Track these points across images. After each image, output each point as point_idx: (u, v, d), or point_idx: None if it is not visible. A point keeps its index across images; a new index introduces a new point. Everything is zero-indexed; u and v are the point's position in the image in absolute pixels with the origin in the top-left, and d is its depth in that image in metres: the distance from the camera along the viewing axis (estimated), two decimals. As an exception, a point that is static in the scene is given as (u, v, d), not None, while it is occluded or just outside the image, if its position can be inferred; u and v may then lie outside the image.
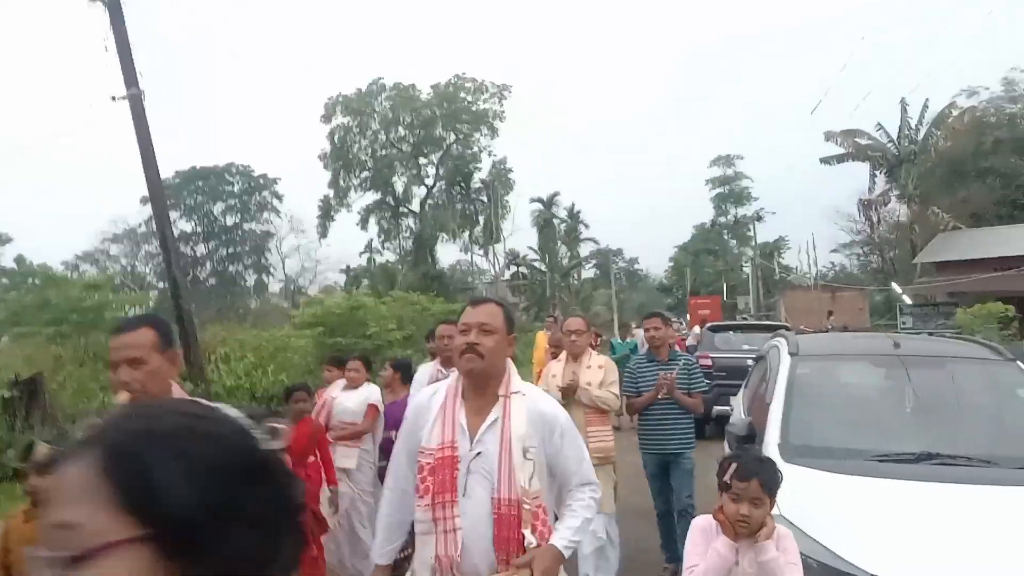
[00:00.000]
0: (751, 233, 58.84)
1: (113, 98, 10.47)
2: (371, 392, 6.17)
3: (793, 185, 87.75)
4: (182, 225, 51.71)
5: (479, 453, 2.59)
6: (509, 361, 2.77)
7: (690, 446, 5.68)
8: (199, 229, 53.44)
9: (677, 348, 6.91)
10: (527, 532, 2.51)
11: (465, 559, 2.53)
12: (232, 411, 2.63)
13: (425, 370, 5.59)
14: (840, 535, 3.19)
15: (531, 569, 2.45)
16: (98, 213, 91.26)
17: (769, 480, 2.88)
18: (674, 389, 5.56)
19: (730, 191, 65.54)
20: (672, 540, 5.68)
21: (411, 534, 2.81)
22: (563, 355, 5.69)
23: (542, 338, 12.79)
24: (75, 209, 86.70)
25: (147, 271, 50.25)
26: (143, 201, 47.43)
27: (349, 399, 6.14)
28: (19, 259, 25.75)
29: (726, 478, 2.91)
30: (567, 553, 2.59)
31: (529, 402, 2.67)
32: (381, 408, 6.05)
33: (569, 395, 5.22)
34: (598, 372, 5.41)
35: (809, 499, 3.50)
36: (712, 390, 11.62)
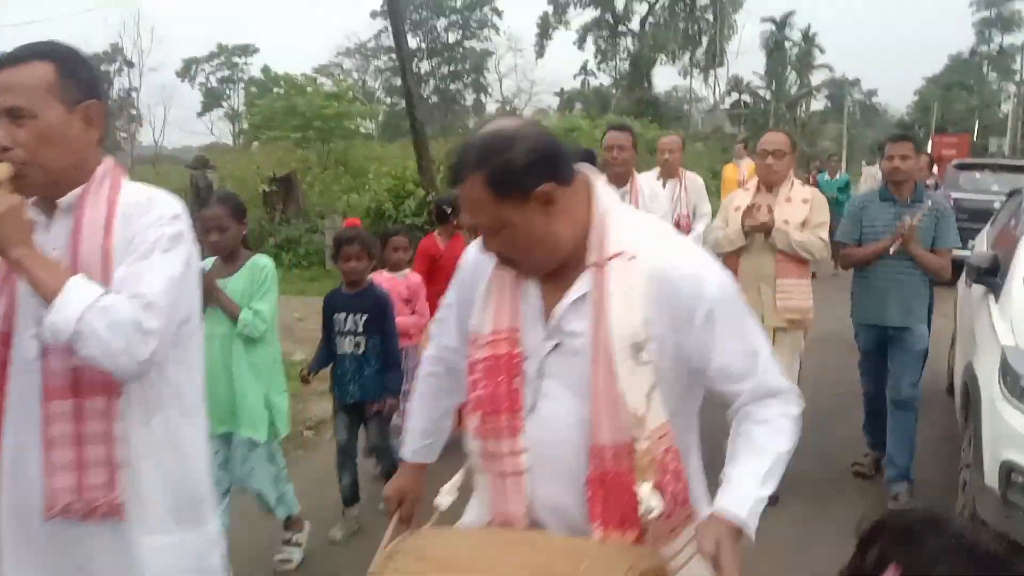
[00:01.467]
0: (1017, 66, 51.29)
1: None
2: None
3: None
4: (408, 40, 53.07)
5: (557, 346, 1.50)
6: (610, 198, 1.55)
7: (922, 318, 4.27)
8: (423, 45, 54.72)
9: (939, 188, 5.44)
10: (645, 489, 1.43)
11: (539, 521, 1.54)
12: None
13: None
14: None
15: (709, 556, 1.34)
16: (332, 27, 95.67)
17: None
18: (913, 241, 4.03)
19: (998, 15, 56.86)
20: (878, 427, 4.47)
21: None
22: (753, 182, 4.40)
23: (731, 171, 10.68)
24: (310, 24, 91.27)
25: (376, 86, 52.80)
26: (372, 15, 49.20)
27: None
28: (265, 69, 27.82)
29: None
30: (753, 522, 1.42)
31: (646, 265, 1.45)
32: None
33: (760, 234, 4.09)
34: (801, 208, 4.12)
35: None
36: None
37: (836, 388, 5.51)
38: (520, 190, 1.39)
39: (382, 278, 4.27)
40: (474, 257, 1.67)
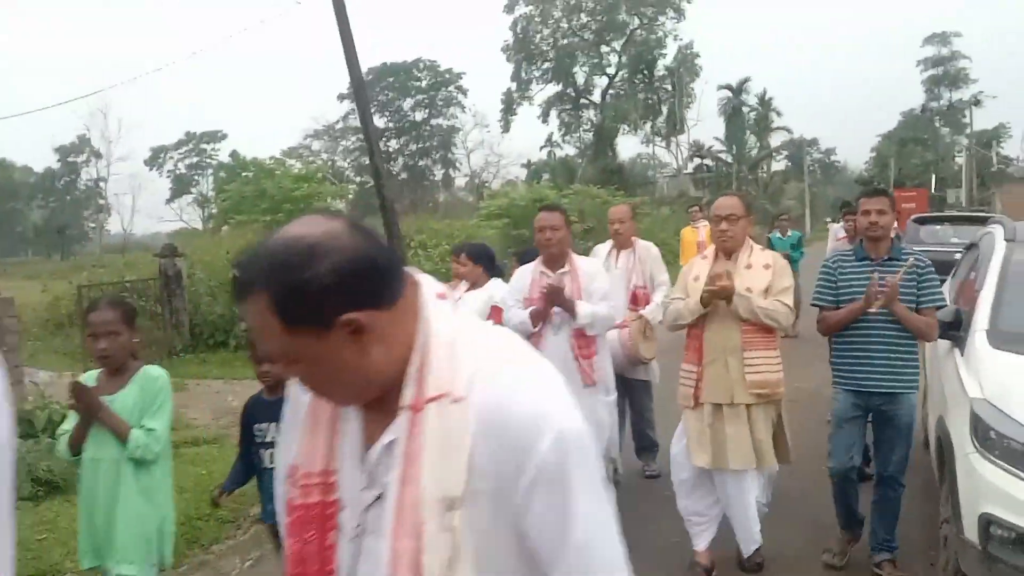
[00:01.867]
0: (967, 120, 53.18)
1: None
2: (497, 291, 4.95)
3: (1018, 65, 77.44)
4: (375, 121, 53.91)
5: (379, 497, 1.15)
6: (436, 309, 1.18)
7: (912, 385, 3.93)
8: (390, 125, 55.72)
9: (901, 241, 4.97)
10: None
11: None
12: None
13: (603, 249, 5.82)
14: (1050, 420, 3.10)
15: None
16: (299, 111, 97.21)
17: None
18: (895, 300, 3.75)
19: (944, 73, 59.38)
20: (851, 506, 4.12)
21: None
22: (711, 250, 4.15)
23: (690, 234, 10.39)
24: (277, 108, 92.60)
25: (346, 166, 53.43)
26: (340, 98, 50.14)
27: (471, 301, 4.94)
28: (234, 154, 28.17)
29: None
30: None
31: (477, 404, 1.09)
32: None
33: (723, 304, 3.85)
34: (763, 274, 3.91)
35: (1015, 384, 3.41)
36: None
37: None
38: (316, 320, 1.06)
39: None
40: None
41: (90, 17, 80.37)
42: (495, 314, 4.85)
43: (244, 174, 22.59)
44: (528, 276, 4.42)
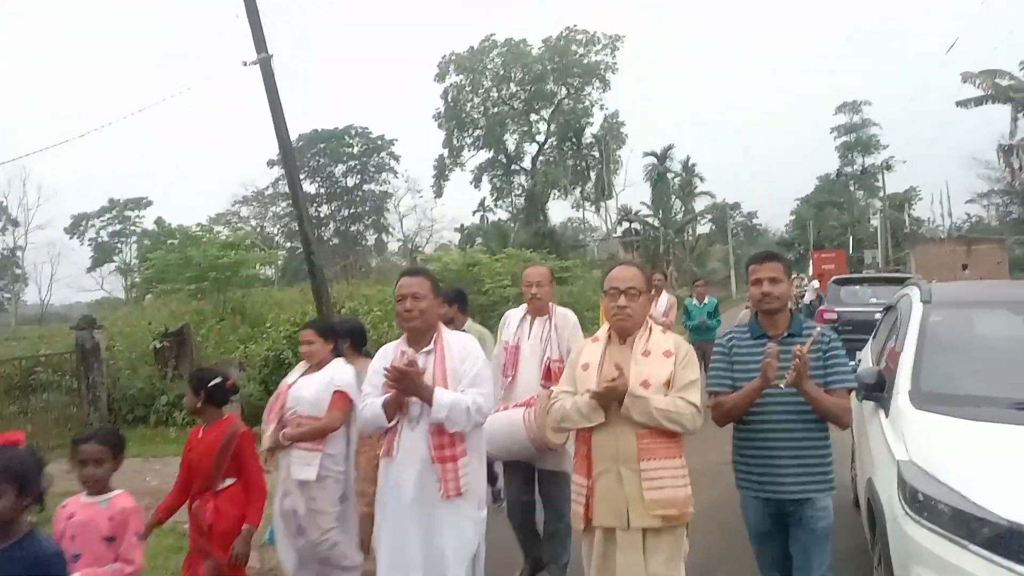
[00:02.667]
0: (879, 183, 55.99)
1: (244, 63, 10.96)
2: (339, 374, 4.42)
3: (926, 132, 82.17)
4: (306, 187, 53.87)
5: None
6: None
7: (827, 486, 3.40)
8: (322, 190, 55.51)
9: (802, 313, 4.38)
10: None
11: None
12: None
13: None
14: (973, 480, 3.14)
15: None
16: (227, 177, 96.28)
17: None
18: (806, 377, 3.22)
19: (857, 139, 62.59)
20: None
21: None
22: (604, 331, 3.43)
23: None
24: (205, 174, 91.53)
25: (275, 232, 52.80)
26: (269, 164, 49.83)
27: (307, 385, 4.42)
28: (158, 221, 27.62)
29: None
30: None
31: None
32: (354, 395, 4.23)
33: (610, 402, 3.15)
34: (663, 363, 3.20)
35: (940, 445, 3.46)
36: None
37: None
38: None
39: (77, 505, 3.13)
40: None
41: (7, 81, 78.68)
42: (337, 401, 4.27)
43: (169, 242, 22.07)
44: (390, 356, 3.55)
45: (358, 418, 3.80)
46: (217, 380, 3.96)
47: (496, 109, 50.45)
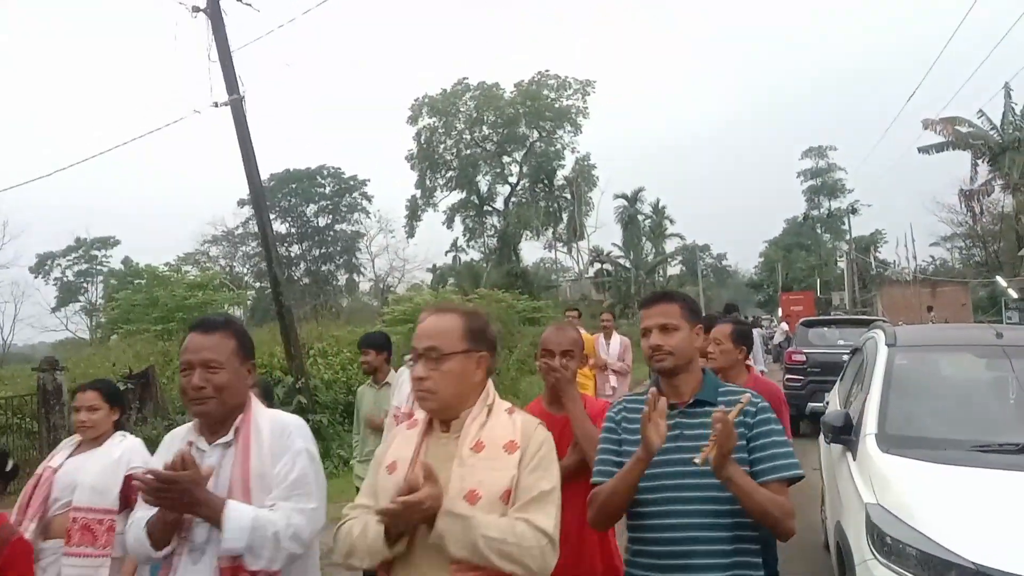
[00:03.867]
0: (845, 226, 56.98)
1: (216, 104, 10.98)
2: (128, 451, 3.39)
3: (890, 176, 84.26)
4: (277, 226, 53.70)
5: None
6: None
7: None
8: (293, 230, 55.30)
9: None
10: None
11: None
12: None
13: None
14: (940, 524, 3.16)
15: None
16: (196, 216, 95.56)
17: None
18: (728, 459, 2.21)
19: (823, 183, 63.89)
20: None
21: None
22: (421, 414, 2.30)
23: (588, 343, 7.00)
24: (174, 213, 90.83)
25: (245, 271, 52.35)
26: (240, 204, 49.56)
27: (83, 467, 3.35)
28: (126, 260, 27.34)
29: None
30: None
31: None
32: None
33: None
34: (501, 463, 2.10)
35: (907, 488, 3.49)
36: (807, 386, 11.59)
37: None
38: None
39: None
40: None
41: (-23, 120, 78.02)
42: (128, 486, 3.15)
43: (136, 282, 21.84)
44: (176, 448, 2.34)
45: (126, 541, 2.63)
46: None
47: (469, 151, 50.84)
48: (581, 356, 2.99)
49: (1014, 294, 27.35)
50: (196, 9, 10.98)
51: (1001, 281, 30.77)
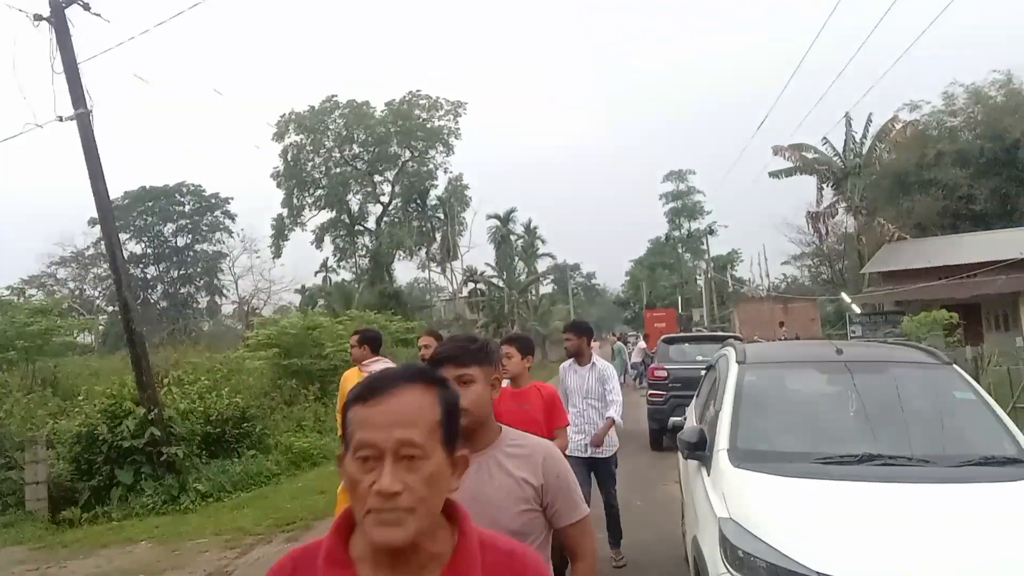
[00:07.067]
0: (704, 246, 59.78)
1: (61, 118, 10.27)
2: None
3: (745, 199, 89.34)
4: (132, 247, 50.82)
5: None
6: None
7: None
8: (149, 251, 52.55)
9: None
10: None
11: None
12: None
13: None
14: (787, 536, 3.28)
15: None
16: (44, 237, 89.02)
17: None
18: None
19: (683, 205, 66.69)
20: None
21: None
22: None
23: (355, 377, 6.18)
24: (18, 234, 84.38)
25: (96, 294, 49.16)
26: (91, 223, 46.58)
27: None
28: (-39, 284, 24.98)
29: None
30: None
31: None
32: None
33: None
34: None
35: (757, 502, 3.60)
36: (668, 401, 11.98)
37: None
38: None
39: None
40: None
41: None
42: None
43: (-29, 307, 20.06)
44: None
45: None
46: None
47: (339, 169, 49.95)
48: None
49: (857, 309, 29.40)
50: (39, 17, 10.24)
51: (845, 297, 33.05)
